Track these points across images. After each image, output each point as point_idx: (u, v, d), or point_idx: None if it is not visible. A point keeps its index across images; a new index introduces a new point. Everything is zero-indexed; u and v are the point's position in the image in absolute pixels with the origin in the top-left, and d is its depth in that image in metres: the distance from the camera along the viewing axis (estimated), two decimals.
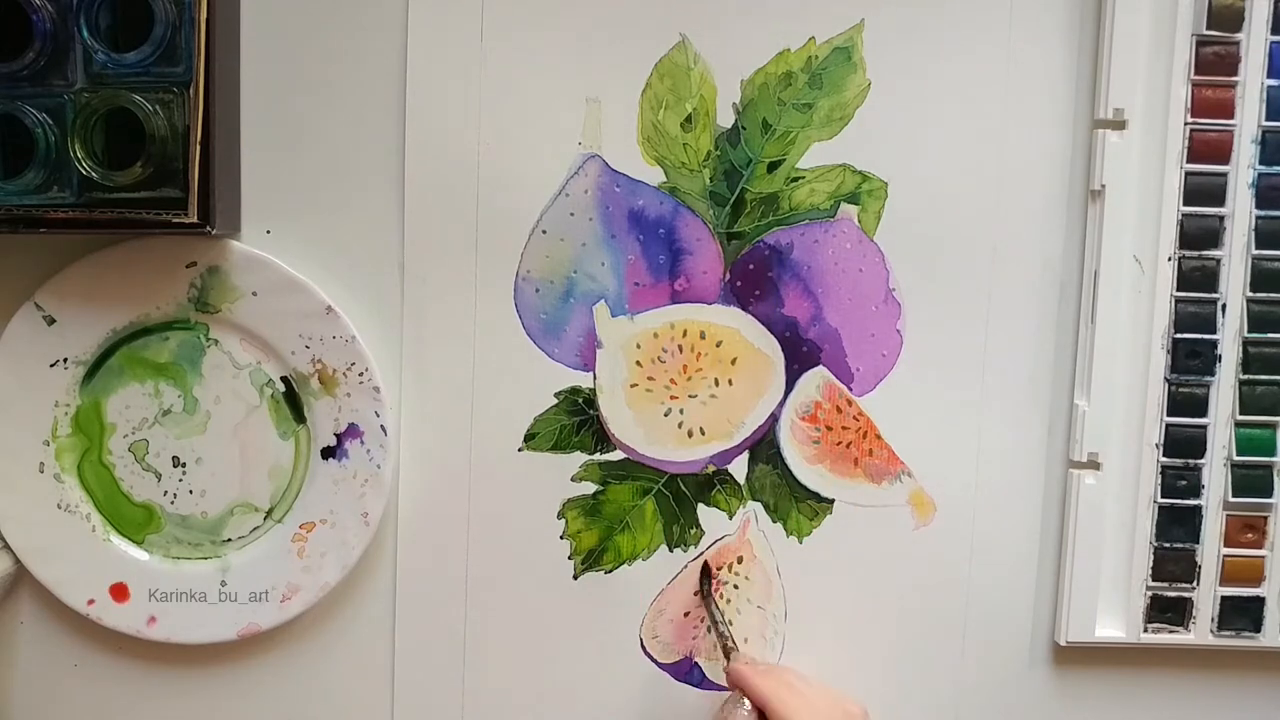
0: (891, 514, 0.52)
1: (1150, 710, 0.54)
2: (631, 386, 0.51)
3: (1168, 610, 0.52)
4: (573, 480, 0.52)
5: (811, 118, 0.50)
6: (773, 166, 0.50)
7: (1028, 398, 0.52)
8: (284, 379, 0.50)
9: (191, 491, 0.51)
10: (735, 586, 0.52)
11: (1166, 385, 0.51)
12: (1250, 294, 0.50)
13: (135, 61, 0.45)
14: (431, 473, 0.51)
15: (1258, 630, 0.52)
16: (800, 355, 0.51)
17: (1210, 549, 0.51)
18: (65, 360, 0.49)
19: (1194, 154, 0.50)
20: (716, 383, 0.51)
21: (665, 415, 0.51)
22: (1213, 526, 0.51)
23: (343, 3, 0.49)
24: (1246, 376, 0.51)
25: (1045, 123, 0.50)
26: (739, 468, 0.52)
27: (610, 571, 0.52)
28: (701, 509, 0.52)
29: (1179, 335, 0.51)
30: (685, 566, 0.52)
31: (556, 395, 0.51)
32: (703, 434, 0.52)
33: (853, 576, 0.52)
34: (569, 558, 0.52)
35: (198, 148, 0.45)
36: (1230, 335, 0.51)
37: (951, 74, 0.50)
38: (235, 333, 0.50)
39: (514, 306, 0.51)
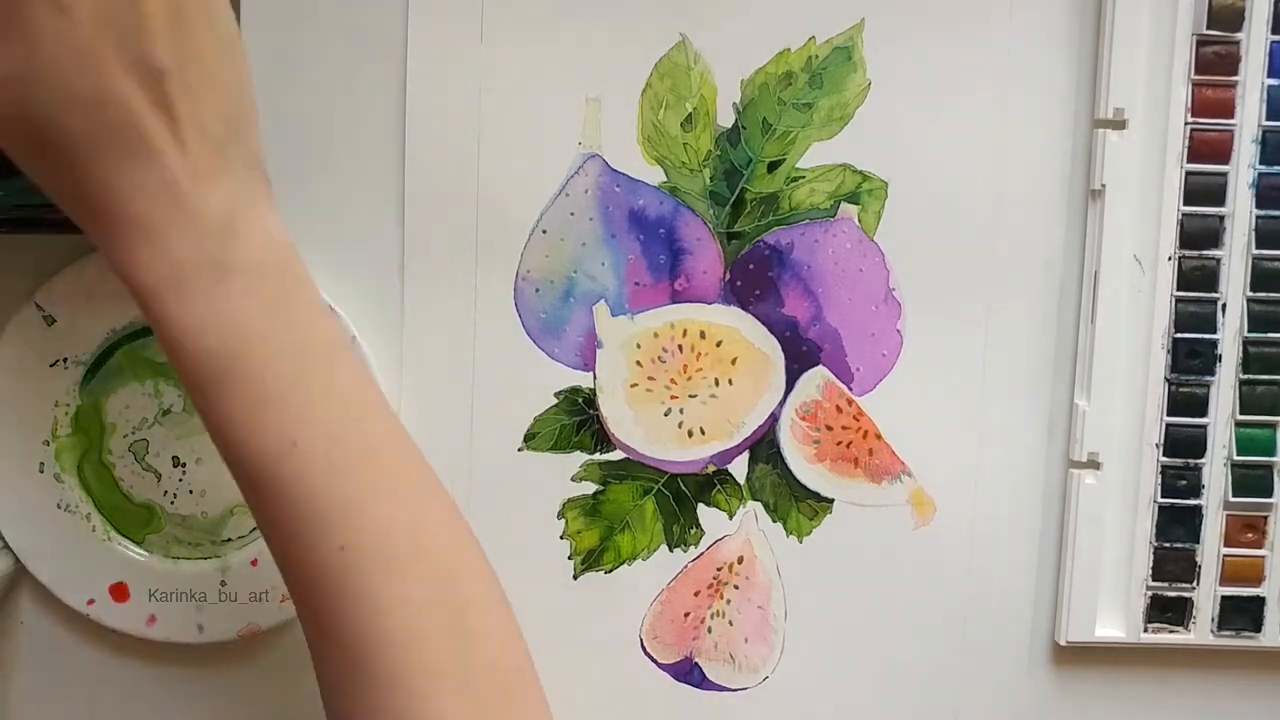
0: (891, 514, 0.52)
1: (1150, 710, 0.54)
2: (632, 386, 0.51)
3: (1168, 610, 0.52)
4: (573, 480, 0.52)
5: (811, 118, 0.50)
6: (773, 166, 0.50)
7: (1028, 398, 0.52)
8: None
9: (191, 491, 0.51)
10: (735, 587, 0.52)
11: (1166, 385, 0.51)
12: (1250, 294, 0.50)
13: None
14: None
15: (1258, 630, 0.52)
16: (800, 355, 0.51)
17: (1210, 549, 0.51)
18: (65, 360, 0.49)
19: (1194, 154, 0.50)
20: (716, 382, 0.51)
21: (665, 415, 0.51)
22: (1213, 526, 0.51)
23: (343, 3, 0.49)
24: (1246, 376, 0.51)
25: (1045, 123, 0.50)
26: (739, 467, 0.52)
27: (610, 571, 0.52)
28: (701, 509, 0.52)
29: (1179, 335, 0.51)
30: (685, 567, 0.52)
31: (556, 395, 0.51)
32: (703, 434, 0.52)
33: (853, 576, 0.52)
34: (569, 558, 0.52)
35: None
36: (1230, 335, 0.51)
37: (951, 74, 0.50)
38: None
39: (514, 306, 0.51)
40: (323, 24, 0.49)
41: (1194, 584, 0.52)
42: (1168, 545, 0.51)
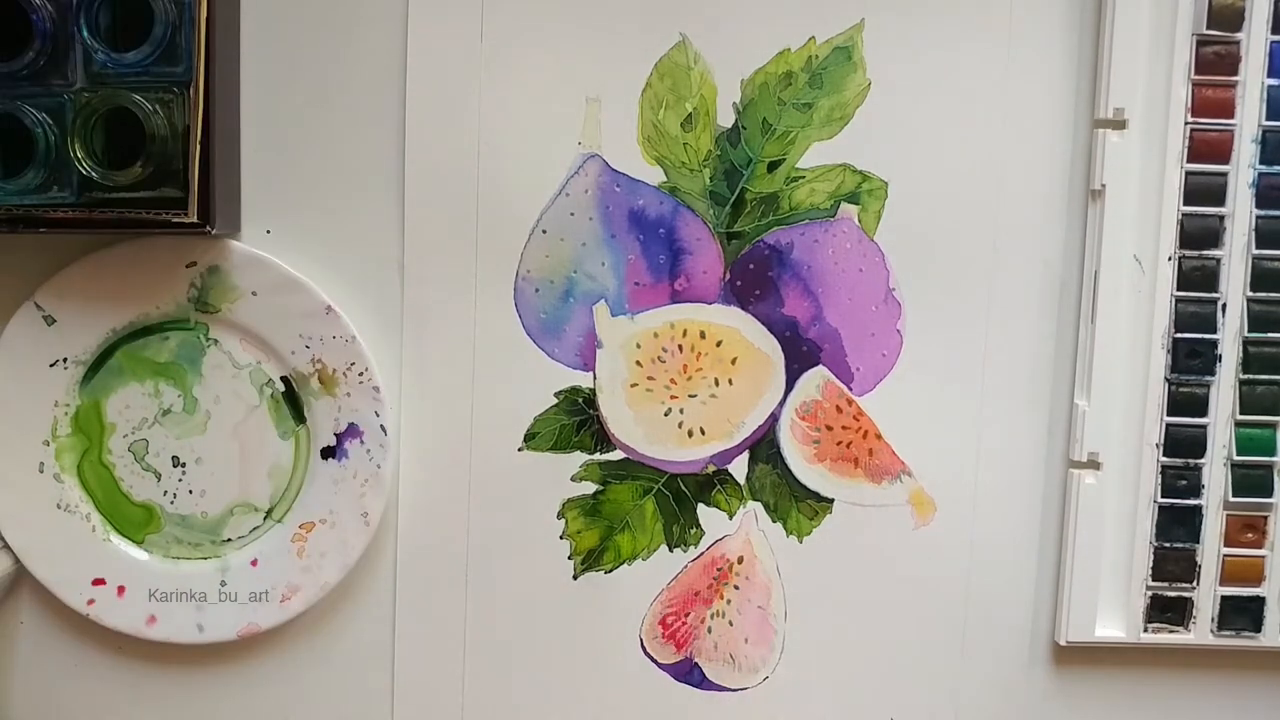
0: (891, 514, 0.52)
1: (1150, 710, 0.54)
2: (631, 386, 0.51)
3: (1168, 610, 0.52)
4: (573, 480, 0.52)
5: (811, 117, 0.50)
6: (773, 166, 0.50)
7: (1028, 398, 0.52)
8: (284, 379, 0.50)
9: (191, 491, 0.51)
10: (735, 587, 0.52)
11: (1166, 385, 0.51)
12: (1250, 294, 0.50)
13: (135, 61, 0.45)
14: (431, 473, 0.51)
15: (1258, 630, 0.52)
16: (800, 355, 0.51)
17: (1210, 549, 0.51)
18: (65, 360, 0.49)
19: (1194, 154, 0.50)
20: (716, 382, 0.51)
21: (665, 415, 0.51)
22: (1213, 526, 0.51)
23: (343, 3, 0.49)
24: (1246, 376, 0.51)
25: (1045, 123, 0.50)
26: (739, 467, 0.52)
27: (610, 571, 0.52)
28: (701, 509, 0.52)
29: (1179, 335, 0.51)
30: (685, 567, 0.52)
31: (556, 395, 0.51)
32: (703, 434, 0.52)
33: (853, 576, 0.52)
34: (569, 558, 0.52)
35: (198, 148, 0.45)
36: (1230, 335, 0.51)
37: (951, 74, 0.50)
38: (235, 333, 0.50)
39: (514, 306, 0.51)
40: (323, 24, 0.49)
41: (1194, 584, 0.52)
42: (1168, 545, 0.51)
